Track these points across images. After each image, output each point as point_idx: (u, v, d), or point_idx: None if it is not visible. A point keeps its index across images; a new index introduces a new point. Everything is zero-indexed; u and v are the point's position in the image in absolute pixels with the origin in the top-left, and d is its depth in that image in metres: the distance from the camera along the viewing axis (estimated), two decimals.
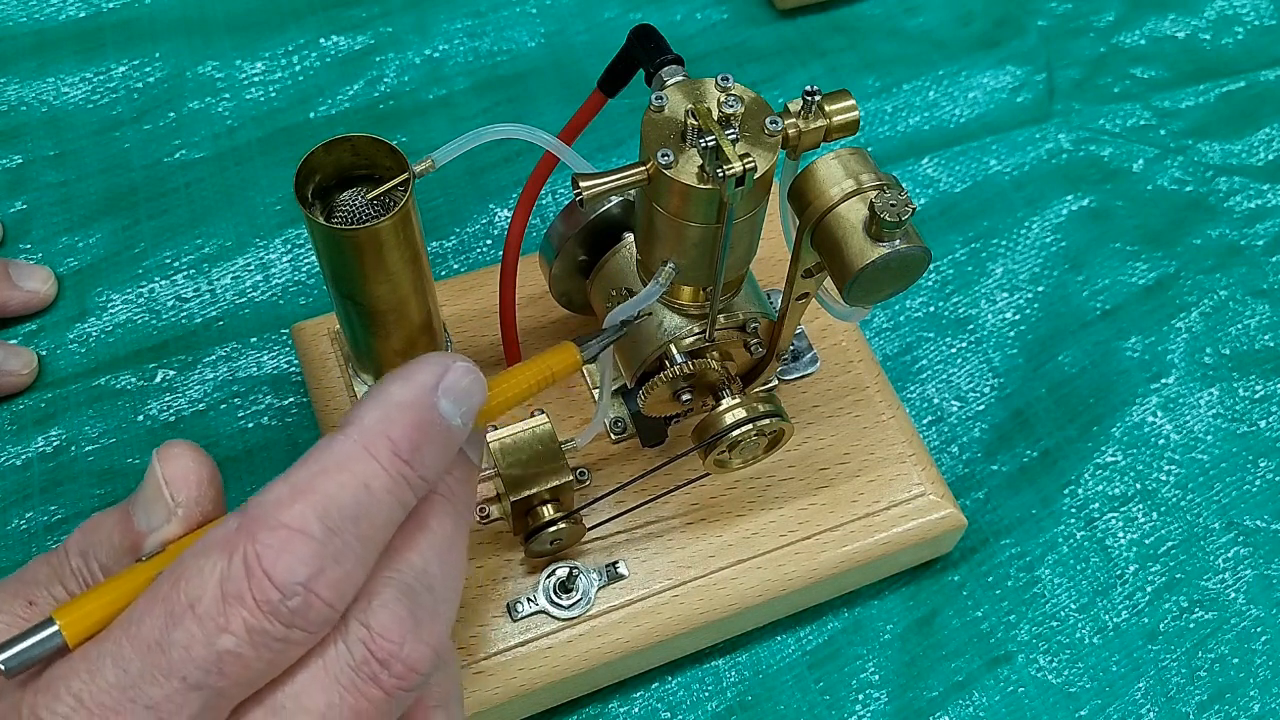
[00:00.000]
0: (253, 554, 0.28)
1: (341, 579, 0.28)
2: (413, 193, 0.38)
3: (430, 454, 0.30)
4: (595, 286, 0.45)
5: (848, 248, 0.37)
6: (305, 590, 0.28)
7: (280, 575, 0.27)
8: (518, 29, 0.68)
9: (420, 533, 0.31)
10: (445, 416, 0.31)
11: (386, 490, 0.29)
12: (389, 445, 0.29)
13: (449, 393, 0.31)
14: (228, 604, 0.27)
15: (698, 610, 0.46)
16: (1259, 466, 0.56)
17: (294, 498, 0.28)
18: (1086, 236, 0.62)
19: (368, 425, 0.30)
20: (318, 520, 0.28)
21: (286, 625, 0.28)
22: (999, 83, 0.68)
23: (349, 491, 0.29)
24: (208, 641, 0.27)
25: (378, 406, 0.30)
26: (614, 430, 0.49)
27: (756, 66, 0.67)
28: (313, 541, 0.28)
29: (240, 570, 0.28)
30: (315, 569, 0.28)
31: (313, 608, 0.28)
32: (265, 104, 0.64)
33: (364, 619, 0.29)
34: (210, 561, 0.28)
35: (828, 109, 0.38)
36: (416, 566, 0.30)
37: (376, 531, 0.29)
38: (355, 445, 0.29)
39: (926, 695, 0.49)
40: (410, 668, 0.30)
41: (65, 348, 0.55)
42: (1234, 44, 0.70)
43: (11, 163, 0.61)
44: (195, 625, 0.27)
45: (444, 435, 0.31)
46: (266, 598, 0.27)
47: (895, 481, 0.49)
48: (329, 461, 0.29)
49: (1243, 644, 0.51)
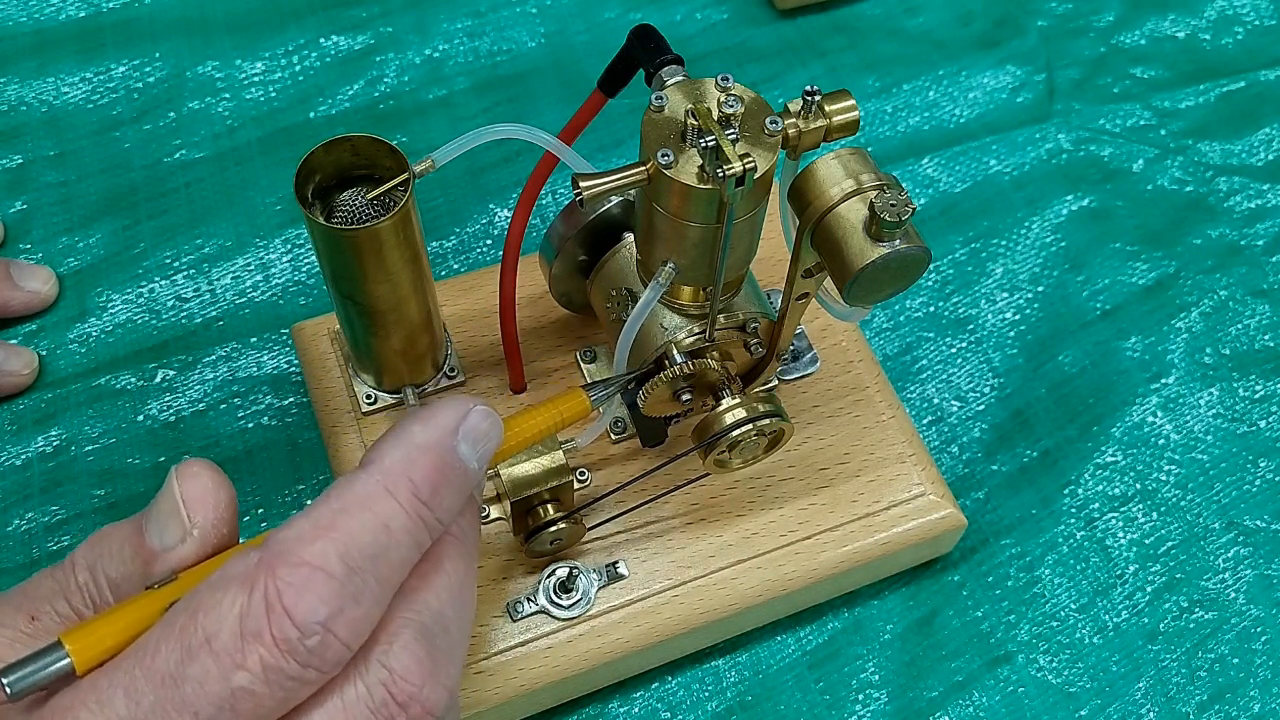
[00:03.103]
0: (274, 590, 0.27)
1: (359, 619, 0.28)
2: (413, 193, 0.38)
3: (448, 496, 0.30)
4: (595, 286, 0.45)
5: (848, 248, 0.37)
6: (324, 630, 0.28)
7: (301, 614, 0.27)
8: (518, 29, 0.68)
9: (436, 574, 0.31)
10: (464, 460, 0.31)
11: (405, 531, 0.29)
12: (409, 487, 0.30)
13: (468, 436, 0.31)
14: (246, 641, 0.27)
15: (698, 610, 0.46)
16: (1259, 466, 0.56)
17: (316, 535, 0.28)
18: (1086, 236, 0.62)
19: (389, 466, 0.30)
20: (339, 559, 0.28)
21: (303, 665, 0.28)
22: (999, 83, 0.68)
23: (370, 531, 0.29)
24: (223, 677, 0.27)
25: (399, 447, 0.30)
26: (614, 430, 0.49)
27: (756, 66, 0.67)
28: (333, 581, 0.28)
29: (260, 607, 0.27)
30: (335, 609, 0.28)
31: (330, 648, 0.28)
32: (265, 104, 0.64)
33: (385, 660, 0.29)
34: (229, 596, 0.28)
35: (828, 109, 0.38)
36: (434, 608, 0.31)
37: (393, 572, 0.29)
38: (377, 485, 0.29)
39: (926, 695, 0.49)
40: (427, 710, 0.30)
41: (65, 348, 0.55)
42: (1234, 44, 0.70)
43: (11, 163, 0.61)
44: (211, 661, 0.27)
45: (462, 478, 0.31)
46: (285, 636, 0.27)
47: (895, 481, 0.49)
48: (350, 500, 0.29)
49: (1243, 644, 0.51)
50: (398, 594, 0.30)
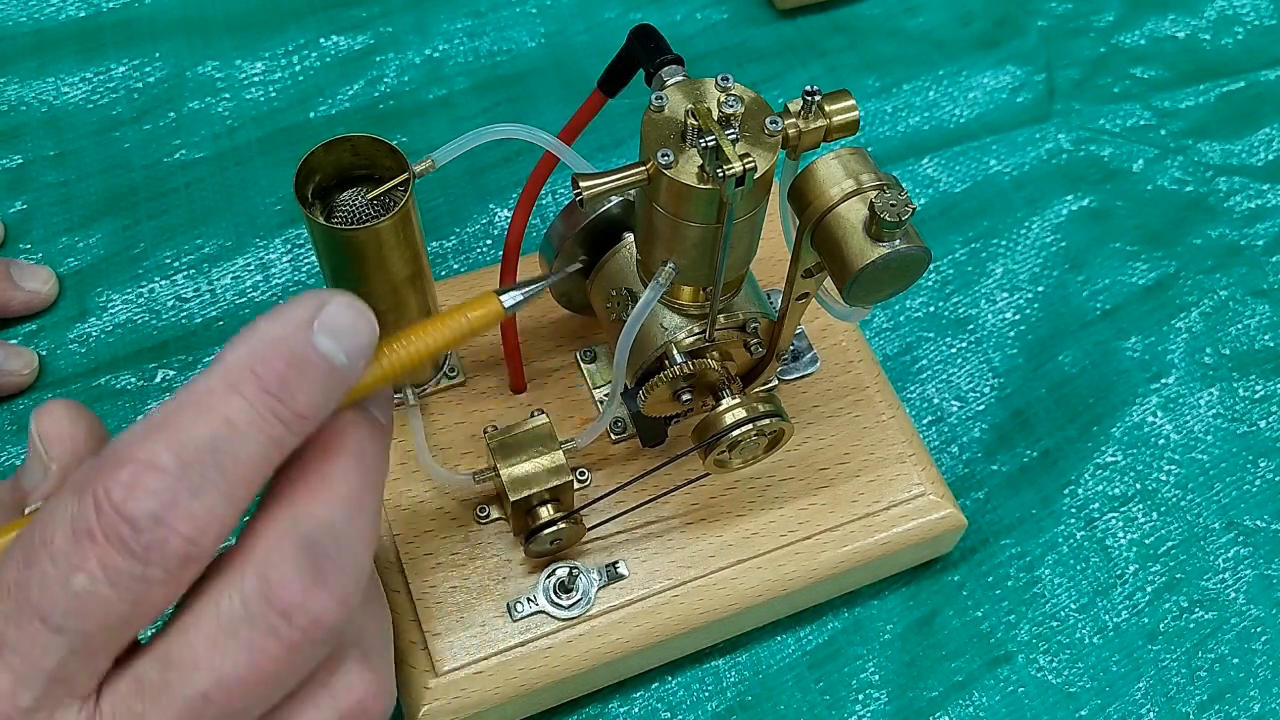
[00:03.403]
0: (102, 490, 0.27)
1: (201, 513, 0.27)
2: (413, 193, 0.38)
3: (306, 391, 0.28)
4: (595, 286, 0.45)
5: (848, 248, 0.37)
6: (156, 523, 0.27)
7: (129, 509, 0.26)
8: (518, 29, 0.68)
9: (322, 484, 0.30)
10: (324, 353, 0.29)
11: (251, 424, 0.28)
12: (255, 380, 0.28)
13: (326, 328, 0.29)
14: (79, 541, 0.27)
15: (698, 610, 0.46)
16: (1259, 466, 0.56)
17: (147, 434, 0.27)
18: (1086, 236, 0.62)
19: (231, 361, 0.28)
20: (170, 453, 0.27)
21: (142, 562, 0.27)
22: (999, 83, 0.68)
23: (207, 426, 0.27)
24: (62, 581, 0.27)
25: (244, 343, 0.29)
26: (614, 430, 0.49)
27: (756, 66, 0.67)
28: (164, 474, 0.27)
29: (90, 507, 0.27)
30: (167, 501, 0.27)
31: (169, 542, 0.27)
32: (265, 104, 0.64)
33: (261, 570, 0.28)
34: (63, 502, 0.27)
35: (828, 109, 0.38)
36: (319, 518, 0.29)
37: (242, 467, 0.28)
38: (218, 381, 0.28)
39: (926, 695, 0.49)
40: (314, 620, 0.28)
41: (65, 348, 0.55)
42: (1234, 44, 0.70)
43: (11, 163, 0.61)
44: (50, 565, 0.27)
45: (324, 372, 0.29)
46: (117, 533, 0.26)
47: (895, 481, 0.49)
48: (188, 398, 0.28)
49: (1243, 644, 0.51)
50: (278, 504, 0.29)
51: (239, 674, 0.28)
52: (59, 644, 0.27)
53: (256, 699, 0.29)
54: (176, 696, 0.28)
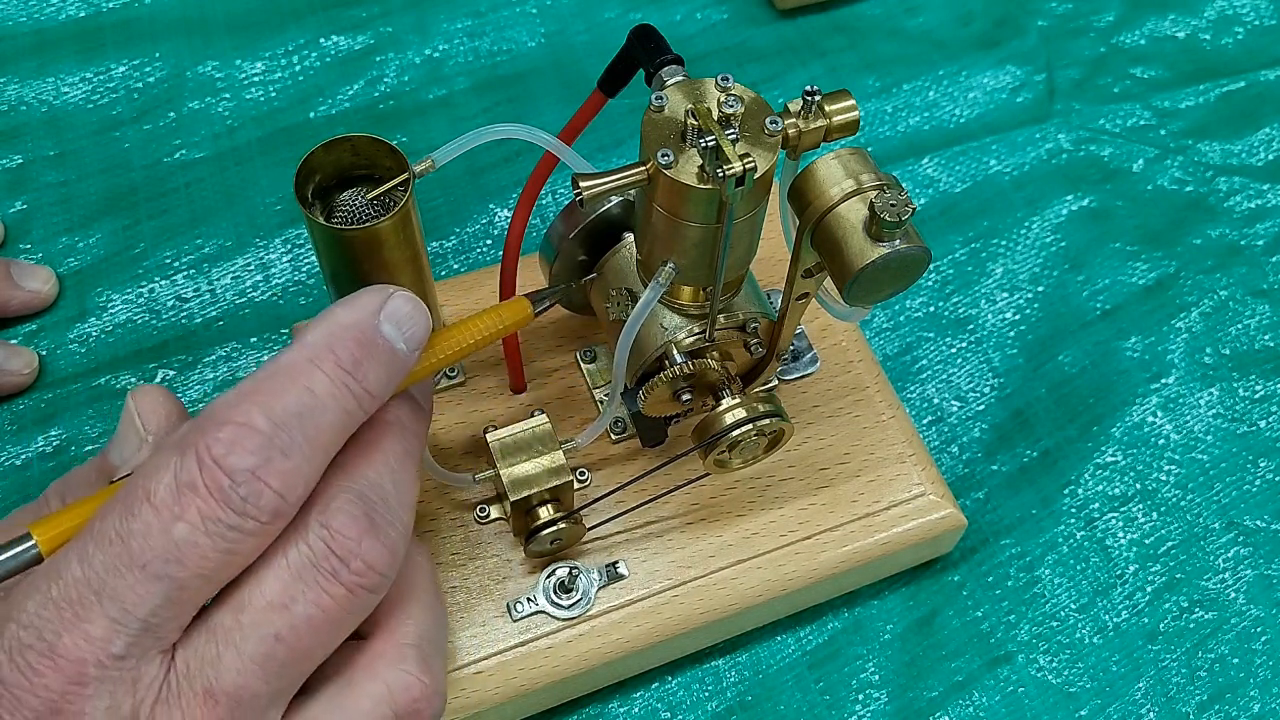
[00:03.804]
0: (204, 446, 0.29)
1: (289, 471, 0.30)
2: (413, 193, 0.38)
3: (374, 371, 0.32)
4: (595, 286, 0.45)
5: (848, 248, 0.37)
6: (253, 477, 0.29)
7: (230, 463, 0.29)
8: (518, 29, 0.68)
9: (374, 452, 0.33)
10: (388, 339, 0.33)
11: (331, 396, 0.31)
12: (333, 358, 0.31)
13: (391, 317, 0.33)
14: (181, 493, 0.29)
15: (698, 610, 0.46)
16: (1259, 466, 0.56)
17: (241, 399, 0.30)
18: (1086, 236, 0.62)
19: (312, 341, 0.32)
20: (264, 416, 0.30)
21: (239, 513, 0.29)
22: (999, 83, 0.68)
23: (294, 394, 0.31)
24: (164, 529, 0.29)
25: (323, 326, 0.32)
26: (614, 430, 0.49)
27: (756, 66, 0.67)
28: (259, 434, 0.30)
29: (193, 462, 0.29)
30: (263, 459, 0.29)
31: (263, 496, 0.29)
32: (265, 104, 0.64)
33: (323, 520, 0.31)
34: (165, 458, 0.30)
35: (828, 109, 0.38)
36: (371, 479, 0.32)
37: (322, 434, 0.31)
38: (301, 357, 0.31)
39: (926, 695, 0.49)
40: (369, 565, 0.31)
41: (65, 348, 0.55)
42: (1234, 44, 0.70)
43: (11, 163, 0.61)
44: (152, 514, 0.29)
45: (388, 355, 0.33)
46: (218, 484, 0.29)
47: (895, 481, 0.49)
48: (275, 369, 0.31)
49: (1243, 644, 0.51)
50: (335, 467, 0.32)
51: (307, 614, 0.31)
52: (156, 591, 0.29)
53: (320, 641, 0.31)
54: (250, 636, 0.30)
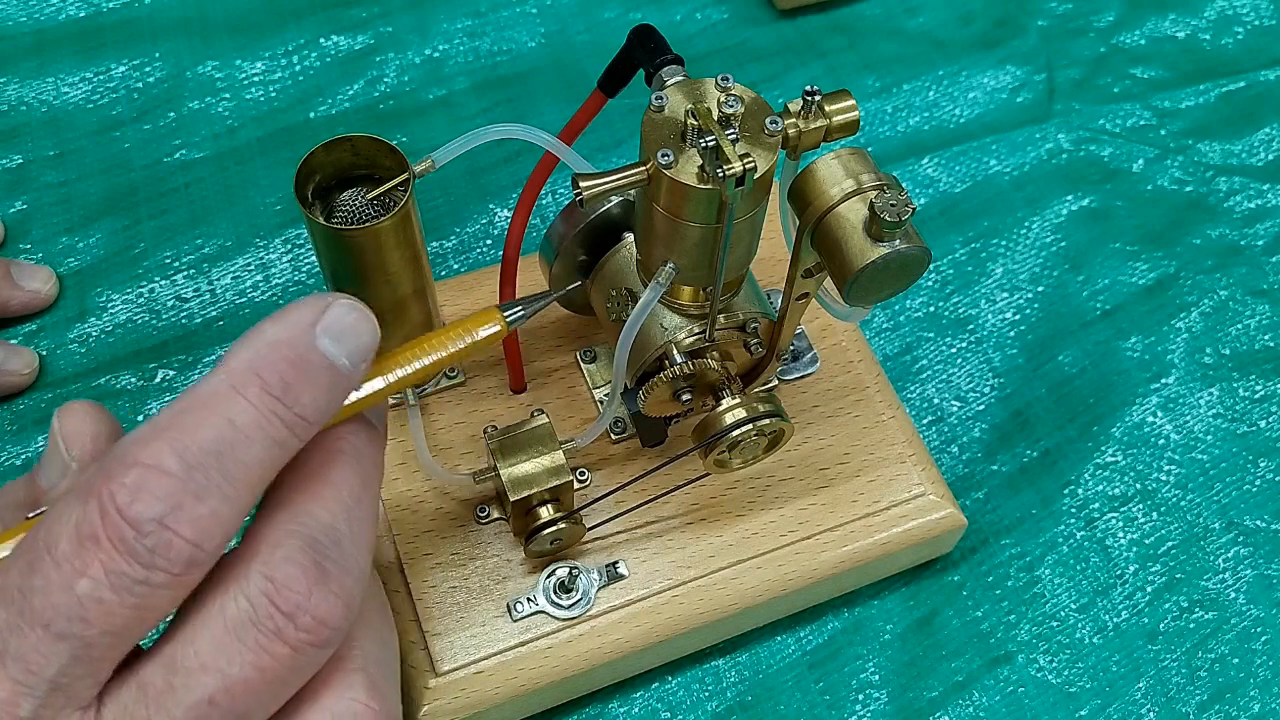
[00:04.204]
0: (107, 494, 0.27)
1: (204, 517, 0.27)
2: (413, 193, 0.38)
3: (308, 393, 0.29)
4: (595, 286, 0.45)
5: (848, 248, 0.37)
6: (161, 527, 0.27)
7: (134, 513, 0.26)
8: (518, 29, 0.68)
9: (324, 488, 0.30)
10: (327, 355, 0.29)
11: (255, 426, 0.28)
12: (258, 382, 0.28)
13: (329, 330, 0.29)
14: (84, 546, 0.27)
15: (698, 610, 0.46)
16: (1259, 466, 0.56)
17: (152, 436, 0.27)
18: (1086, 236, 0.62)
19: (234, 365, 0.28)
20: (174, 456, 0.27)
21: (146, 566, 0.27)
22: (999, 83, 0.68)
23: (212, 428, 0.27)
24: (66, 586, 0.27)
25: (248, 347, 0.29)
26: (614, 430, 0.49)
27: (756, 66, 0.67)
28: (169, 478, 0.27)
29: (95, 511, 0.27)
30: (172, 505, 0.27)
31: (173, 547, 0.27)
32: (265, 104, 0.64)
33: (266, 570, 0.28)
34: (68, 507, 0.27)
35: (828, 109, 0.38)
36: (321, 520, 0.29)
37: (246, 471, 0.28)
38: (221, 383, 0.28)
39: (926, 695, 0.49)
40: (319, 621, 0.28)
41: (66, 348, 0.55)
42: (1234, 44, 0.70)
43: (11, 163, 0.61)
44: (53, 570, 0.27)
45: (326, 374, 0.29)
46: (121, 536, 0.26)
47: (895, 481, 0.49)
48: (192, 400, 0.28)
49: (1243, 644, 0.51)
50: (279, 508, 0.29)
51: (245, 676, 0.28)
52: (61, 651, 0.27)
53: (260, 703, 0.29)
54: (181, 701, 0.28)
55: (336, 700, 0.31)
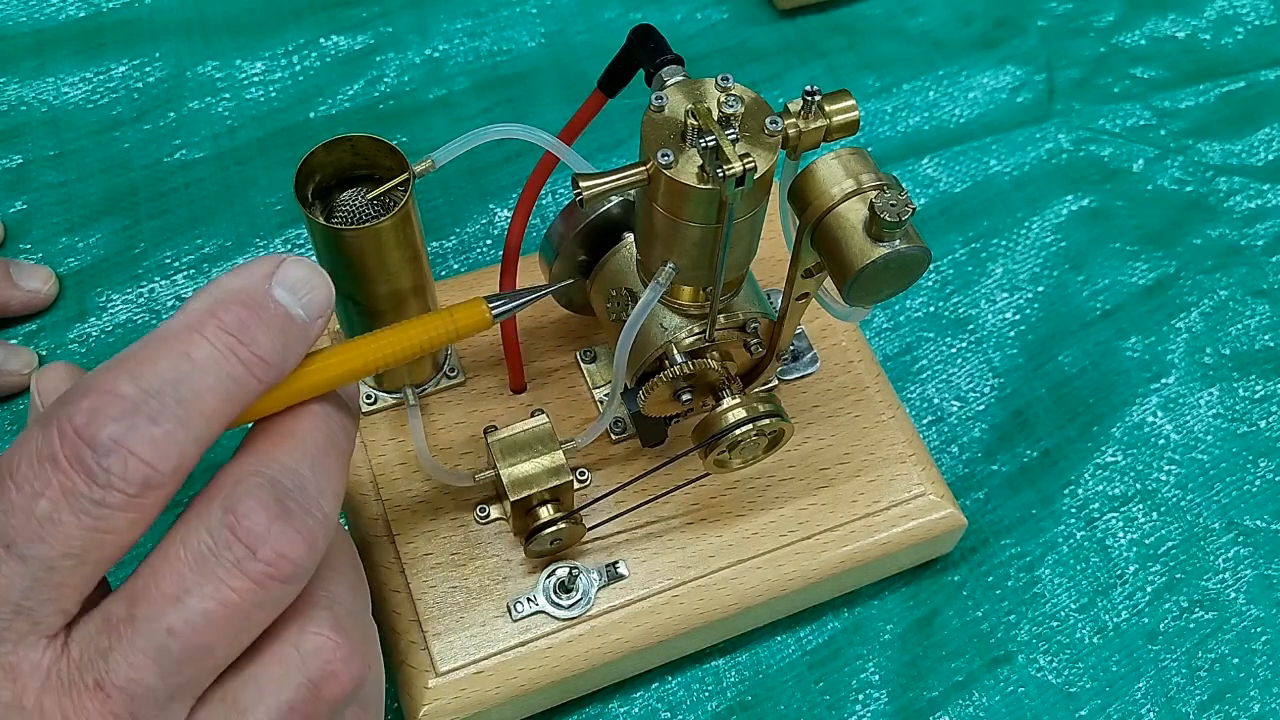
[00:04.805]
0: (64, 416, 0.27)
1: (159, 438, 0.28)
2: (413, 193, 0.38)
3: (265, 336, 0.30)
4: (595, 286, 0.45)
5: (848, 248, 0.37)
6: (116, 445, 0.27)
7: (89, 432, 0.27)
8: (518, 29, 0.68)
9: (289, 438, 0.31)
10: (282, 303, 0.30)
11: (210, 359, 0.29)
12: (215, 322, 0.29)
13: (283, 282, 0.31)
14: (42, 466, 0.27)
15: (698, 610, 0.46)
16: (1259, 466, 0.56)
17: (109, 369, 0.28)
18: (1086, 236, 0.62)
19: (193, 309, 0.30)
20: (130, 382, 0.28)
21: (102, 486, 0.27)
22: (999, 83, 0.68)
23: (168, 360, 0.28)
24: (26, 507, 0.27)
25: (205, 295, 0.30)
26: (614, 430, 0.49)
27: (756, 66, 0.67)
28: (125, 401, 0.27)
29: (54, 434, 0.27)
30: (128, 426, 0.27)
31: (130, 467, 0.27)
32: (265, 104, 0.64)
33: (228, 504, 0.29)
34: (29, 434, 0.28)
35: (828, 109, 0.38)
36: (285, 463, 0.30)
37: (200, 399, 0.28)
38: (179, 324, 0.29)
39: (926, 695, 0.49)
40: (280, 554, 0.29)
41: (65, 348, 0.55)
42: (1234, 44, 0.70)
43: (11, 163, 0.61)
44: (14, 492, 0.27)
45: (282, 321, 0.30)
46: (78, 455, 0.27)
47: (895, 481, 0.49)
48: (150, 340, 0.29)
49: (1243, 644, 0.51)
50: (245, 452, 0.30)
51: (205, 609, 0.28)
52: (23, 573, 0.27)
53: (222, 638, 0.29)
54: (142, 631, 0.28)
55: (299, 633, 0.31)
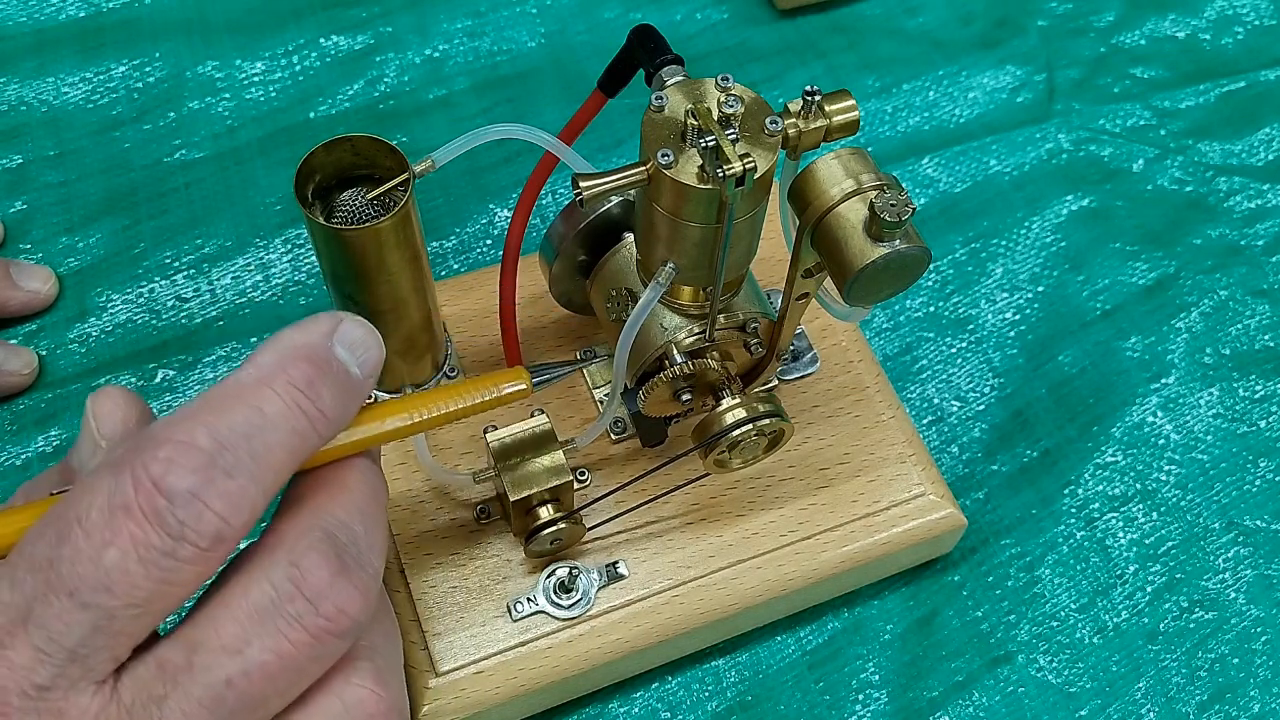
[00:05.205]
0: (140, 466, 0.27)
1: (234, 492, 0.28)
2: (413, 193, 0.38)
3: (329, 394, 0.30)
4: (595, 286, 0.45)
5: (848, 248, 0.37)
6: (193, 498, 0.27)
7: (168, 483, 0.27)
8: (518, 29, 0.68)
9: (340, 492, 0.32)
10: (342, 361, 0.31)
11: (281, 415, 0.29)
12: (285, 377, 0.30)
13: (343, 341, 0.32)
14: (114, 515, 0.27)
15: (698, 610, 0.46)
16: (1259, 466, 0.56)
17: (184, 419, 0.29)
18: (1086, 236, 0.62)
19: (263, 362, 0.30)
20: (207, 434, 0.28)
21: (175, 538, 0.27)
22: (999, 83, 0.68)
23: (242, 413, 0.29)
24: (94, 556, 0.27)
25: (274, 349, 0.31)
26: (614, 430, 0.49)
27: (756, 66, 0.67)
28: (201, 453, 0.28)
29: (128, 482, 0.27)
30: (205, 479, 0.27)
31: (203, 518, 0.27)
32: (265, 104, 0.64)
33: (291, 558, 0.29)
34: (101, 479, 0.28)
35: (828, 109, 0.38)
36: (340, 519, 0.31)
37: (271, 454, 0.29)
38: (250, 376, 0.30)
39: (926, 695, 0.49)
40: (340, 609, 0.29)
41: (65, 348, 0.55)
42: (1234, 44, 0.70)
43: (11, 163, 0.61)
44: (83, 540, 0.27)
45: (342, 379, 0.31)
46: (153, 507, 0.27)
47: (895, 481, 0.49)
48: (223, 391, 0.29)
49: (1243, 644, 0.51)
50: (300, 505, 0.31)
51: (264, 661, 0.28)
52: (84, 621, 0.27)
53: (277, 689, 0.29)
54: (200, 681, 0.28)
55: (344, 686, 0.31)
